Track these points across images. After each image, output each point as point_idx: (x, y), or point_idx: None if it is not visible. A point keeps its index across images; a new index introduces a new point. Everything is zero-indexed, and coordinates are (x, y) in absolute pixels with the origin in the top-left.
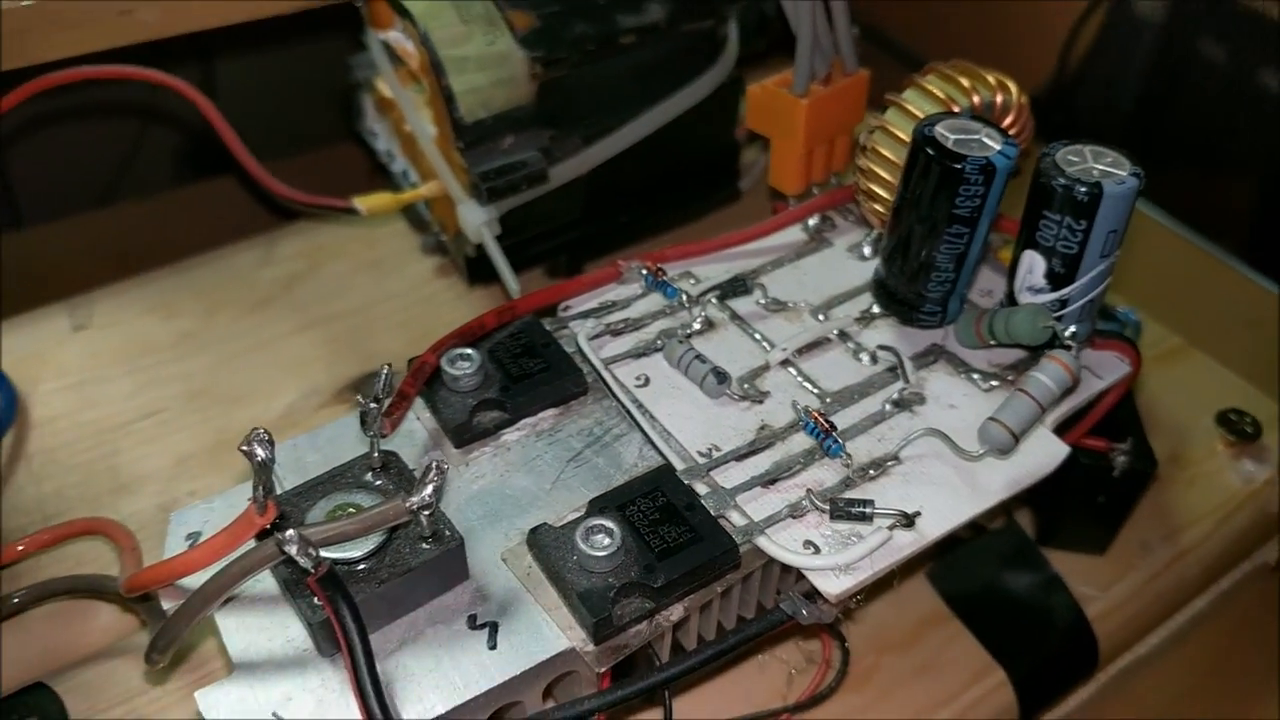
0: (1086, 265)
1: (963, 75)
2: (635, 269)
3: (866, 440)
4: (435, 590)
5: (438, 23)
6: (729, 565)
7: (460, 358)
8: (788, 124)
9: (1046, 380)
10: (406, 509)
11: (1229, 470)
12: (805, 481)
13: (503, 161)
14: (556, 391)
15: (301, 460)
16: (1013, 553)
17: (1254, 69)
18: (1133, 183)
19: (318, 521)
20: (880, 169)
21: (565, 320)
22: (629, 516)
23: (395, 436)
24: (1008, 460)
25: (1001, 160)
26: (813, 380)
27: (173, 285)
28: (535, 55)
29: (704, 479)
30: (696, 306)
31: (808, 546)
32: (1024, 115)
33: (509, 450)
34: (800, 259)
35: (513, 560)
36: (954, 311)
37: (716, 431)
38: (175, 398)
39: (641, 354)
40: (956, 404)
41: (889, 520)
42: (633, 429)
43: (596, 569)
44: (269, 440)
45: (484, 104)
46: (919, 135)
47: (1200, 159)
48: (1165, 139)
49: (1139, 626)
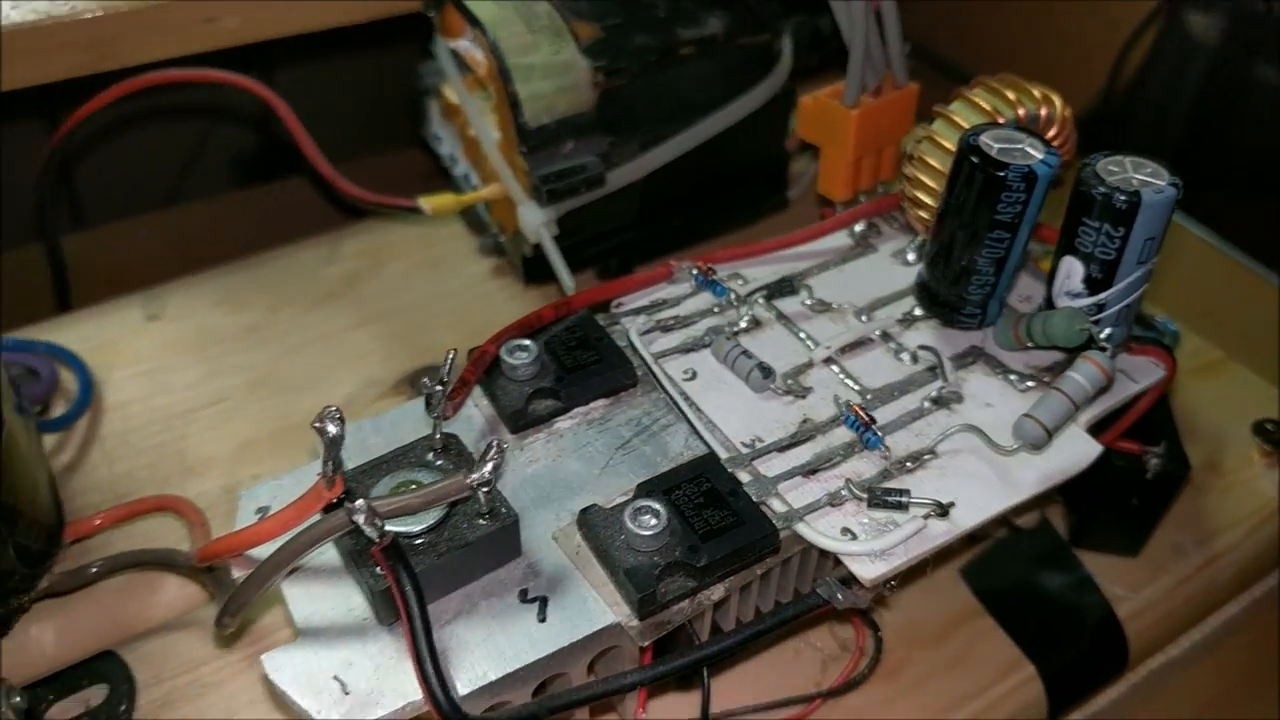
0: (1124, 271)
1: (1009, 89)
2: (686, 269)
3: (905, 435)
4: (490, 565)
5: (507, 31)
6: (769, 549)
7: (518, 348)
8: (838, 133)
9: (1081, 379)
10: (467, 484)
11: (1264, 479)
12: (845, 472)
13: (563, 165)
14: (608, 382)
15: (365, 442)
16: (1045, 552)
17: None
18: (1171, 192)
19: (382, 495)
20: (926, 177)
21: (618, 316)
22: (674, 500)
23: (455, 421)
24: (1041, 456)
25: (1043, 169)
26: (855, 377)
27: (240, 280)
28: (598, 65)
29: (747, 468)
30: (744, 305)
31: (845, 533)
32: (1067, 128)
33: (561, 437)
34: (846, 263)
35: (563, 539)
36: (993, 314)
37: (760, 424)
38: (240, 386)
39: (690, 349)
40: (993, 403)
41: (924, 509)
42: (680, 420)
43: (643, 548)
44: (340, 418)
45: (548, 110)
46: (964, 143)
47: (1243, 178)
48: (1209, 158)
49: (1170, 628)
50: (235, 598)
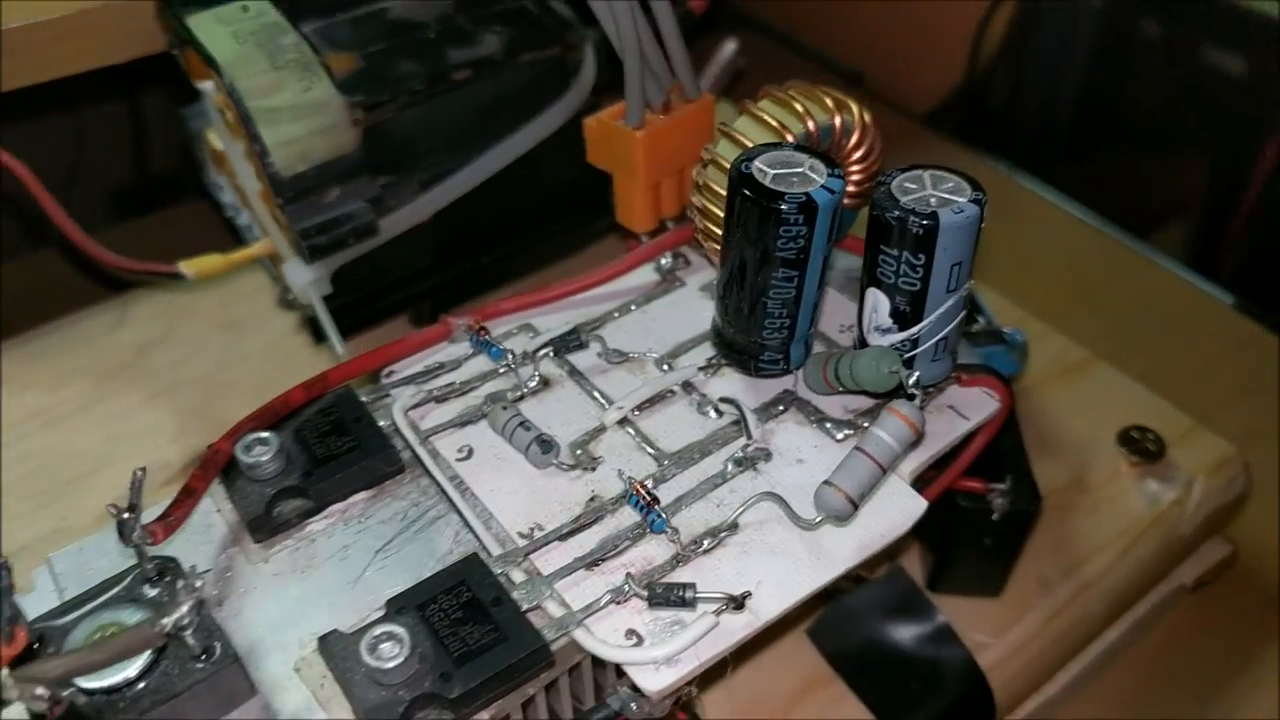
0: (933, 302)
1: (798, 99)
2: (461, 328)
3: (704, 507)
4: (215, 711)
5: (246, 71)
6: (540, 665)
7: (257, 443)
8: (626, 158)
9: (885, 437)
10: (157, 633)
11: (1133, 492)
12: (633, 559)
13: (326, 216)
14: (365, 473)
15: (87, 567)
16: (898, 602)
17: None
18: (973, 211)
19: (64, 651)
20: (715, 205)
21: (388, 388)
22: (428, 616)
23: (194, 532)
24: (855, 522)
25: (824, 195)
26: (651, 440)
27: (20, 356)
28: (355, 100)
29: (521, 565)
30: (529, 365)
31: (630, 636)
32: (869, 136)
33: (313, 542)
34: (649, 303)
35: (307, 671)
36: (798, 357)
37: (541, 507)
38: (15, 482)
39: (467, 422)
40: (805, 458)
41: (714, 604)
42: (451, 509)
43: (386, 680)
44: (5, 565)
45: (302, 156)
46: (735, 173)
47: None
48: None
49: (1041, 669)
50: None
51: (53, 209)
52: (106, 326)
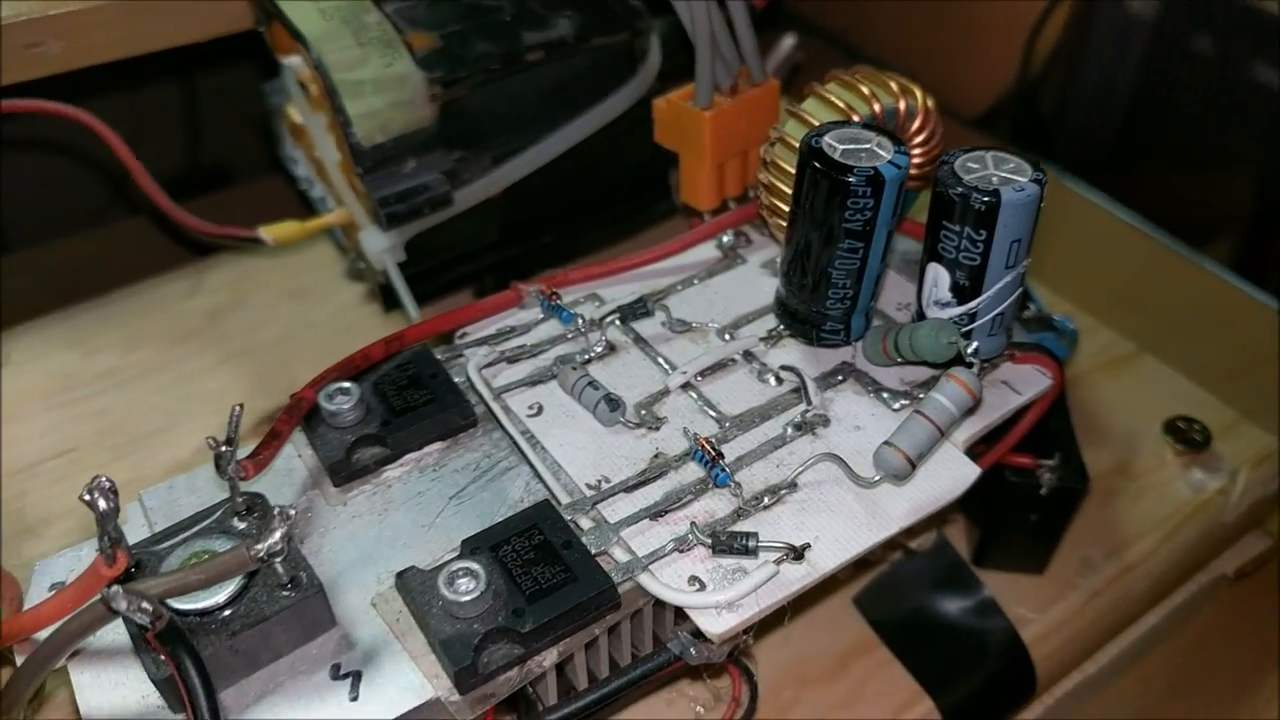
0: (992, 277)
1: (864, 82)
2: (533, 293)
3: (764, 466)
4: (297, 639)
5: (332, 46)
6: (607, 605)
7: (339, 392)
8: (693, 138)
9: (945, 401)
10: (251, 557)
11: (1178, 481)
12: (696, 512)
13: (404, 186)
14: (441, 424)
15: (176, 503)
16: (944, 575)
17: (1237, 66)
18: (1033, 190)
19: (161, 573)
20: (781, 183)
21: (461, 348)
22: (502, 557)
23: (276, 475)
24: (910, 485)
25: (891, 170)
26: (713, 404)
27: (96, 319)
28: (434, 76)
29: (590, 513)
30: (596, 331)
31: (693, 583)
32: (931, 120)
33: (389, 488)
34: (711, 277)
35: (383, 605)
36: (858, 328)
37: (608, 462)
38: (90, 435)
39: (537, 381)
40: (863, 425)
41: (775, 554)
42: (522, 462)
43: (461, 614)
44: (112, 490)
45: (382, 128)
46: (805, 147)
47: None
48: (1126, 137)
49: (1080, 648)
50: (6, 694)
51: (140, 174)
52: (181, 293)
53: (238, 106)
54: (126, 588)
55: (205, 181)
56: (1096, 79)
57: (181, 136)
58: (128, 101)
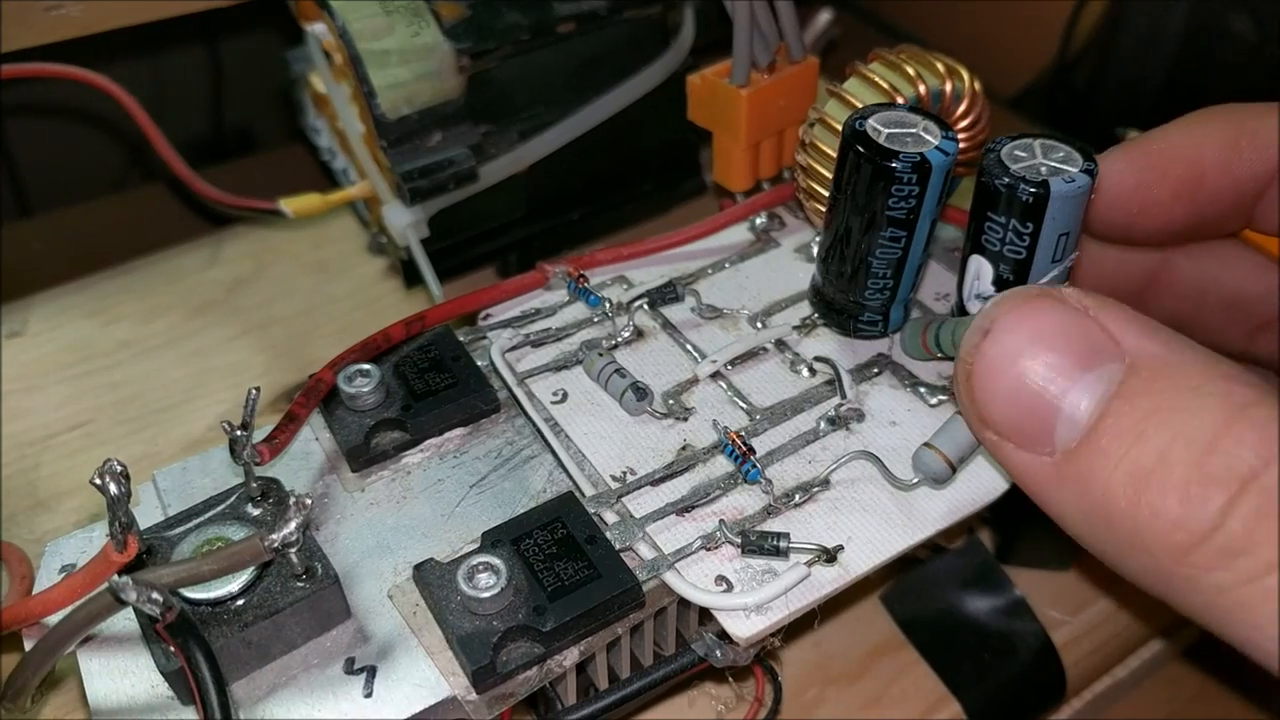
0: (1037, 271)
1: (909, 63)
2: (560, 274)
3: (796, 462)
4: (311, 631)
5: (357, 15)
6: (631, 604)
7: (358, 374)
8: (729, 116)
9: None
10: (265, 548)
11: None
12: (724, 509)
13: (428, 160)
14: (463, 409)
15: (190, 485)
16: (974, 574)
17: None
18: (1084, 181)
19: (173, 561)
20: (820, 165)
21: (484, 330)
22: (523, 550)
23: (292, 458)
24: (948, 485)
25: (938, 156)
26: (744, 395)
27: (116, 288)
28: (462, 47)
29: (614, 506)
30: (624, 315)
31: (720, 582)
32: (978, 104)
33: (409, 474)
34: (743, 261)
35: (400, 598)
36: (896, 320)
37: (634, 453)
38: (105, 407)
39: (562, 367)
40: (899, 421)
41: (807, 555)
42: (546, 449)
43: (480, 610)
44: (124, 474)
45: (407, 100)
46: (849, 130)
47: None
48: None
49: (1112, 652)
50: (13, 679)
51: (159, 142)
52: (199, 264)
53: (261, 74)
54: (136, 577)
55: (227, 149)
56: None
57: (204, 103)
58: (150, 67)
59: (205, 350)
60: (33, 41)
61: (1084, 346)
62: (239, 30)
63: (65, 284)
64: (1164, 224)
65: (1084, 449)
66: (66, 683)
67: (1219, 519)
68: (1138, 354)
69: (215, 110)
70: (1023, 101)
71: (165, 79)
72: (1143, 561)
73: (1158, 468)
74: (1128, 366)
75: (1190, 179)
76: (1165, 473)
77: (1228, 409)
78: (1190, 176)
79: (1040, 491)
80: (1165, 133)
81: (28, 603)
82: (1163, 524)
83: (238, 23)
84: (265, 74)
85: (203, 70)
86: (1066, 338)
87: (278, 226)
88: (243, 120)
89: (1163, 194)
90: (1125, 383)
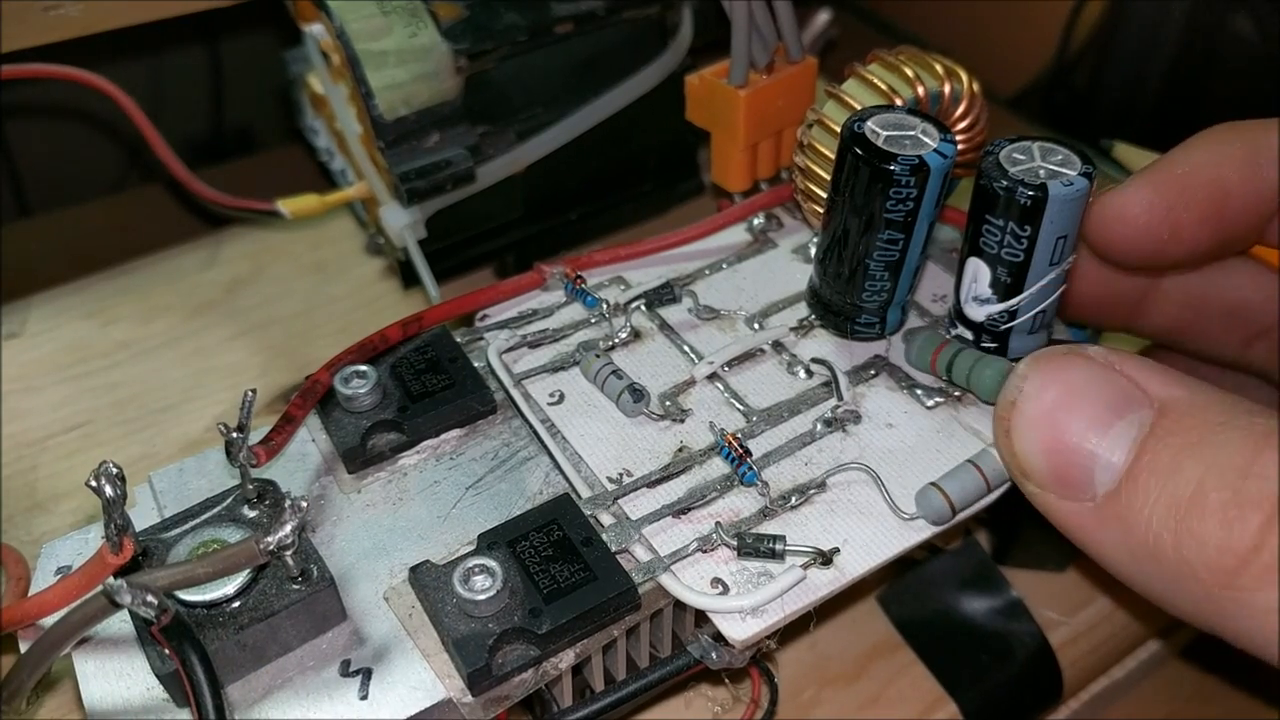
0: (1035, 274)
1: (908, 64)
2: (557, 275)
3: (792, 464)
4: (307, 633)
5: (355, 15)
6: (627, 607)
7: (354, 375)
8: (727, 117)
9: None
10: (260, 550)
11: None
12: (720, 511)
13: (426, 161)
14: (460, 411)
15: (187, 487)
16: (971, 575)
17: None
18: (1082, 184)
19: (168, 563)
20: (818, 167)
21: (482, 331)
22: (519, 553)
23: (289, 460)
24: None
25: (936, 159)
26: (740, 397)
27: (113, 289)
28: (460, 48)
29: (610, 508)
30: (621, 316)
31: (716, 585)
32: (977, 106)
33: (405, 476)
34: (741, 262)
35: (395, 600)
36: (893, 322)
37: (630, 454)
38: (103, 408)
39: (559, 368)
40: (895, 422)
41: (803, 558)
42: (542, 451)
43: (476, 613)
44: (119, 476)
45: (405, 100)
46: (847, 132)
47: None
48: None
49: (1109, 653)
50: (9, 681)
51: (156, 142)
52: (197, 264)
53: (259, 74)
54: (131, 579)
55: (225, 149)
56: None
57: (202, 103)
58: (149, 68)
59: (203, 351)
60: (32, 42)
61: (1114, 397)
62: (237, 31)
63: (64, 284)
64: (1191, 248)
65: (1123, 490)
66: (62, 685)
67: (1260, 538)
68: (1164, 399)
69: (213, 111)
70: (1021, 102)
71: (164, 79)
72: (1191, 591)
73: (1195, 497)
74: (1156, 411)
75: (1216, 200)
76: (1203, 500)
77: (1254, 439)
78: (1216, 198)
79: (1085, 536)
80: (1186, 155)
81: (24, 604)
82: (1208, 550)
83: (236, 23)
84: (263, 75)
85: (201, 71)
86: (1097, 390)
87: (276, 227)
88: (241, 121)
89: (1190, 218)
90: (1156, 425)
